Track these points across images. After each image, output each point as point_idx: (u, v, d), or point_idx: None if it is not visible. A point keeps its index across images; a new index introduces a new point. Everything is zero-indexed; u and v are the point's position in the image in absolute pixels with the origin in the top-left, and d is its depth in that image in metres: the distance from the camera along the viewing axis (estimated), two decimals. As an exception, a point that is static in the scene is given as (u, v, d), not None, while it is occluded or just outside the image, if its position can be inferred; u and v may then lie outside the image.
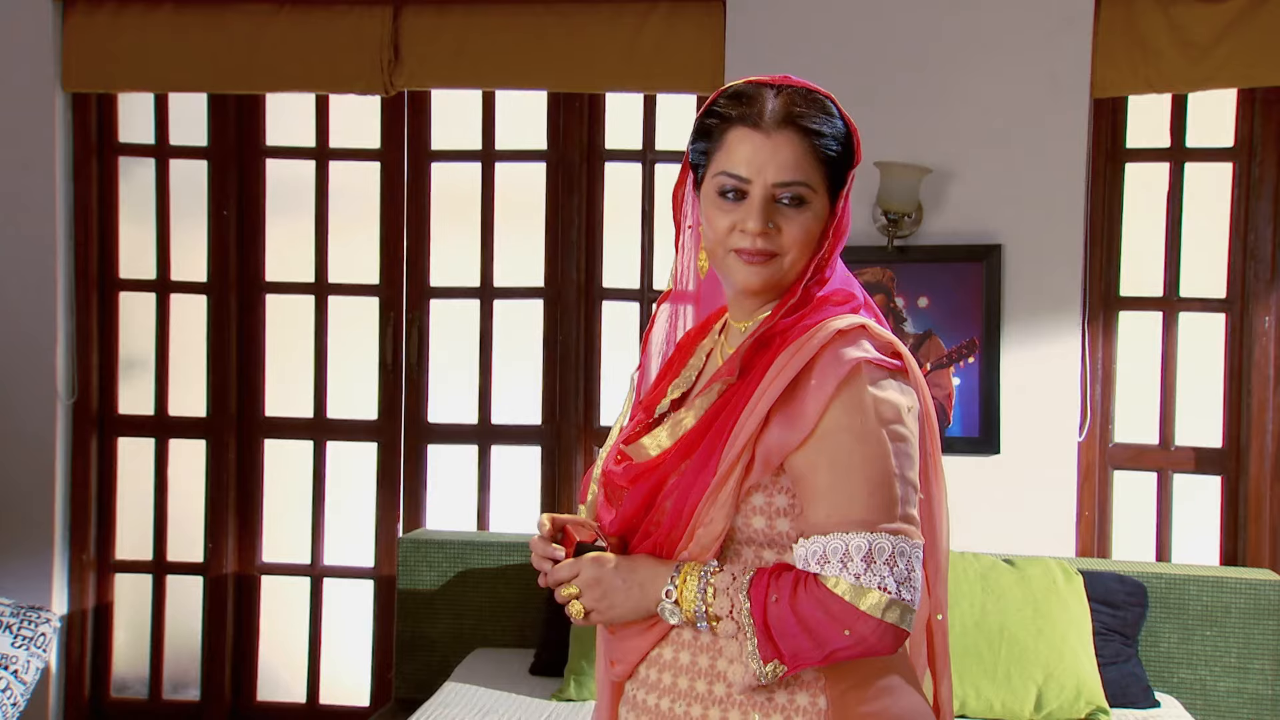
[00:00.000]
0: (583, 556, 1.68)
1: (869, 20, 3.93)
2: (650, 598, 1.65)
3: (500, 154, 4.31)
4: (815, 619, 1.55)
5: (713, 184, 1.67)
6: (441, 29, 4.12)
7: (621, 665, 1.75)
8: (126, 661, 4.51)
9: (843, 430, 1.57)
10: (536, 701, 3.50)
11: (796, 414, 1.59)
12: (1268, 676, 3.61)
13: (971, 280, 3.87)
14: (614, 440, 1.82)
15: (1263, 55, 3.73)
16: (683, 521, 1.64)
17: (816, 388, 1.58)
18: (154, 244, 4.42)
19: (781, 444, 1.59)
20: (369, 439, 4.38)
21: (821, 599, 1.56)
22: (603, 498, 1.77)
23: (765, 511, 1.63)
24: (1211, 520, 3.98)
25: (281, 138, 4.41)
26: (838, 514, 1.57)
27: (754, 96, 1.65)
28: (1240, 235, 3.93)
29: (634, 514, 1.69)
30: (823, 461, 1.58)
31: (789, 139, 1.63)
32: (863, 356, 1.59)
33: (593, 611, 1.67)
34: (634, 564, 1.67)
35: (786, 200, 1.64)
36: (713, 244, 1.69)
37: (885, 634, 1.56)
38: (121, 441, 4.45)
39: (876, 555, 1.56)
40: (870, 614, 1.54)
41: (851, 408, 1.58)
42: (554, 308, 4.28)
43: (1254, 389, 3.89)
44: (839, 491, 1.57)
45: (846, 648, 1.56)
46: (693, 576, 1.62)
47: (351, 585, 4.44)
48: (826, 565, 1.56)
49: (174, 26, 4.20)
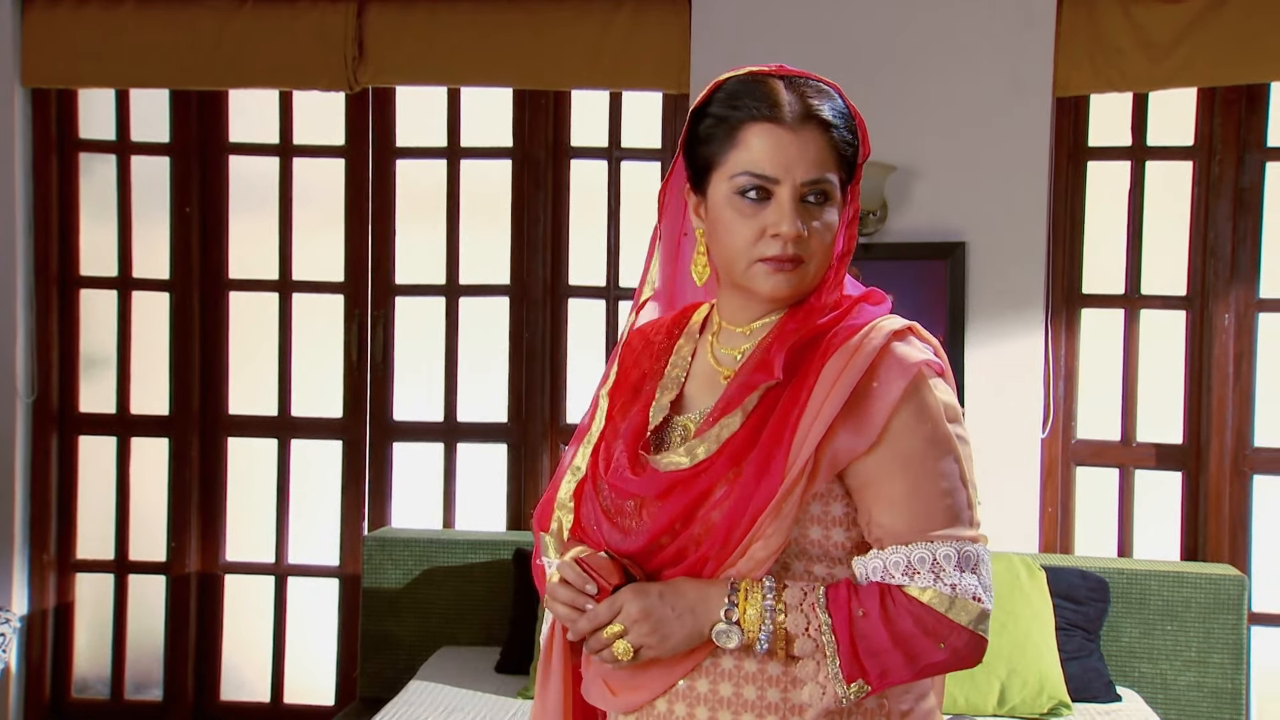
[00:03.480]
0: (620, 590, 1.52)
1: (833, 19, 3.94)
2: (704, 622, 1.51)
3: (466, 151, 4.29)
4: (908, 634, 1.47)
5: (729, 185, 1.55)
6: (406, 25, 4.10)
7: (633, 695, 1.59)
8: (88, 661, 4.47)
9: (914, 434, 1.50)
10: (502, 699, 3.50)
11: (862, 418, 1.50)
12: (1227, 670, 3.65)
13: (935, 278, 3.89)
14: (584, 458, 1.66)
15: (1222, 55, 3.77)
16: (736, 536, 1.50)
17: (881, 391, 1.50)
18: (115, 241, 4.38)
19: (849, 450, 1.50)
20: (334, 437, 4.36)
21: (914, 612, 1.48)
22: (598, 517, 1.61)
23: (822, 521, 1.54)
24: (1172, 516, 4.01)
25: (245, 134, 4.38)
26: (919, 521, 1.49)
27: (767, 90, 1.55)
28: (1200, 233, 3.96)
29: (664, 530, 1.54)
30: (896, 467, 1.50)
31: (813, 134, 1.53)
32: (924, 359, 1.53)
33: (643, 648, 1.51)
34: (678, 588, 1.52)
35: (812, 199, 1.54)
36: (732, 252, 1.56)
37: (977, 646, 1.50)
38: (82, 440, 4.41)
39: (964, 563, 1.50)
40: (966, 626, 1.48)
41: (921, 411, 1.51)
42: (520, 305, 4.27)
43: (1214, 385, 3.93)
44: (918, 498, 1.50)
45: (939, 663, 1.49)
46: (755, 594, 1.50)
47: (316, 584, 4.42)
48: (916, 576, 1.48)
49: (135, 22, 4.17)
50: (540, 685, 1.71)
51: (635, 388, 1.69)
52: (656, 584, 1.52)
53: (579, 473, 1.67)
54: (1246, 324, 3.92)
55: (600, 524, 1.60)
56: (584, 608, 1.52)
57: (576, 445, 1.70)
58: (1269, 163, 3.91)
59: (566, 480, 1.67)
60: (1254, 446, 3.93)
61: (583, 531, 1.64)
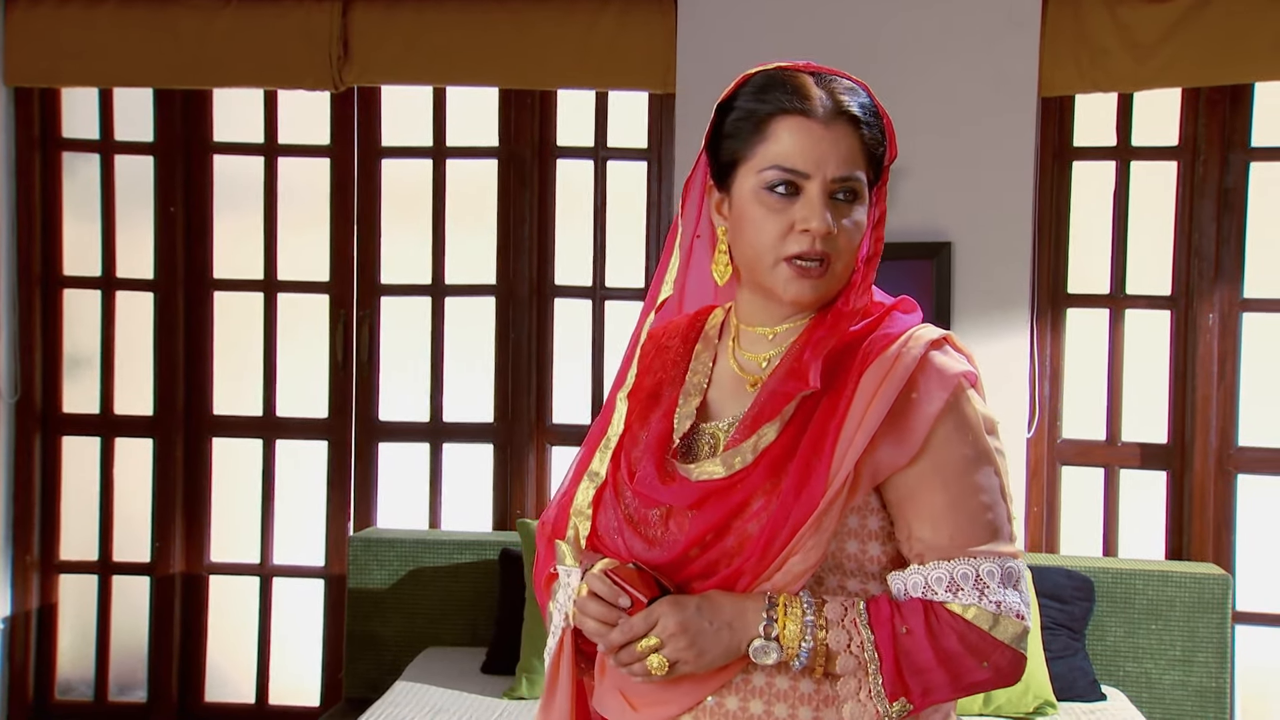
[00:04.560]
0: (657, 602, 1.47)
1: (819, 19, 3.94)
2: (741, 638, 1.46)
3: (451, 150, 4.28)
4: (953, 652, 1.45)
5: (756, 179, 1.51)
6: (392, 25, 4.09)
7: (658, 710, 1.53)
8: (71, 663, 4.45)
9: (955, 447, 1.48)
10: (488, 700, 3.49)
11: (903, 430, 1.47)
12: (1211, 669, 3.66)
13: (921, 277, 3.90)
14: (603, 463, 1.60)
15: (1207, 55, 3.78)
16: (774, 549, 1.45)
17: (922, 402, 1.48)
18: (99, 240, 4.36)
19: (890, 463, 1.47)
20: (319, 437, 4.34)
21: (959, 630, 1.45)
22: (620, 525, 1.55)
23: (859, 535, 1.51)
24: (1157, 515, 4.02)
25: (229, 133, 4.36)
26: (961, 536, 1.47)
27: (798, 84, 1.51)
28: (1185, 233, 3.97)
29: (695, 542, 1.49)
30: (937, 481, 1.47)
31: (845, 130, 1.50)
32: (963, 370, 1.52)
33: (678, 663, 1.46)
34: (714, 602, 1.47)
35: (842, 196, 1.51)
36: (757, 249, 1.52)
37: (1018, 664, 1.48)
38: (66, 440, 4.39)
39: (1007, 580, 1.47)
40: (1009, 644, 1.46)
41: (961, 424, 1.49)
42: (506, 305, 4.26)
43: (1198, 385, 3.94)
44: (960, 512, 1.47)
45: (982, 682, 1.47)
46: (794, 609, 1.45)
47: (301, 584, 4.40)
48: (960, 593, 1.46)
49: (118, 20, 4.14)
50: (545, 699, 1.65)
51: (652, 393, 1.64)
52: (693, 597, 1.47)
53: (597, 478, 1.60)
54: (1231, 324, 3.94)
55: (623, 532, 1.55)
56: (615, 621, 1.47)
57: (590, 449, 1.64)
58: (1253, 163, 3.92)
59: (584, 486, 1.61)
60: (1238, 446, 3.94)
61: (599, 540, 1.58)
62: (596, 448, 1.63)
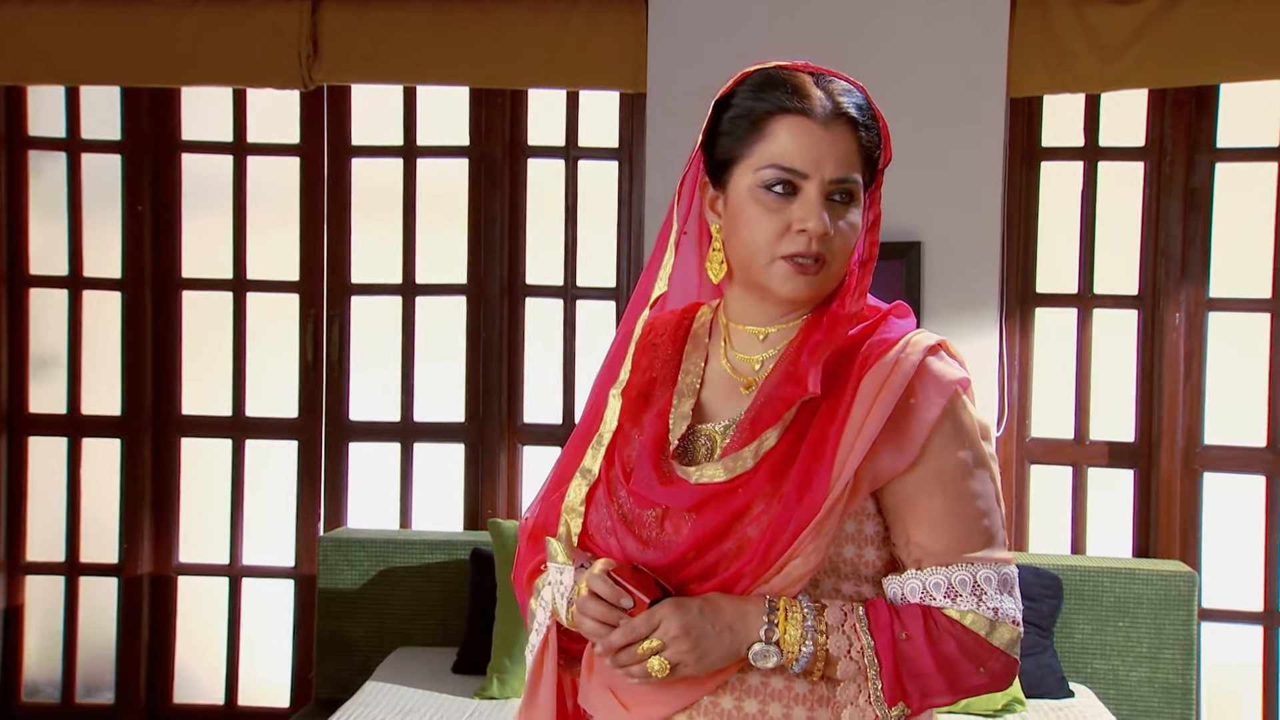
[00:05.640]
0: (659, 604, 1.46)
1: (790, 20, 3.95)
2: (741, 641, 1.46)
3: (422, 150, 4.27)
4: (951, 657, 1.46)
5: (753, 178, 1.51)
6: (361, 23, 4.07)
7: (651, 710, 1.52)
8: (38, 664, 4.41)
9: (952, 453, 1.49)
10: (459, 700, 3.49)
11: (902, 437, 1.48)
12: (1178, 666, 3.69)
13: (891, 277, 3.91)
14: (595, 460, 1.59)
15: (1173, 57, 3.81)
16: (775, 552, 1.46)
17: (920, 408, 1.48)
18: (66, 239, 4.33)
19: (889, 468, 1.48)
20: (289, 437, 4.33)
21: (957, 635, 1.47)
22: (614, 524, 1.54)
23: (856, 540, 1.51)
24: (1124, 513, 4.06)
25: (198, 132, 4.34)
26: (958, 542, 1.48)
27: (797, 83, 1.51)
28: (1151, 233, 4.01)
29: (697, 545, 1.48)
30: (935, 486, 1.48)
31: (843, 132, 1.51)
32: (959, 376, 1.53)
33: (679, 665, 1.46)
34: (715, 605, 1.47)
35: (838, 197, 1.51)
36: (753, 248, 1.52)
37: (1011, 669, 1.49)
38: (32, 441, 4.36)
39: (1003, 586, 1.49)
40: (1004, 650, 1.48)
41: (958, 430, 1.50)
42: (477, 304, 4.26)
43: (1165, 384, 3.98)
44: (957, 519, 1.49)
45: (977, 686, 1.48)
46: (794, 614, 1.46)
47: (271, 585, 4.38)
48: (958, 599, 1.47)
49: (85, 18, 4.11)
50: (528, 696, 1.64)
51: (643, 392, 1.63)
52: (695, 600, 1.47)
53: (590, 475, 1.59)
54: (1197, 323, 3.97)
55: (616, 532, 1.54)
56: (616, 622, 1.46)
57: (580, 446, 1.63)
58: (1219, 163, 3.96)
59: (576, 483, 1.59)
60: (1204, 444, 3.98)
61: (590, 539, 1.57)
62: (586, 444, 1.61)
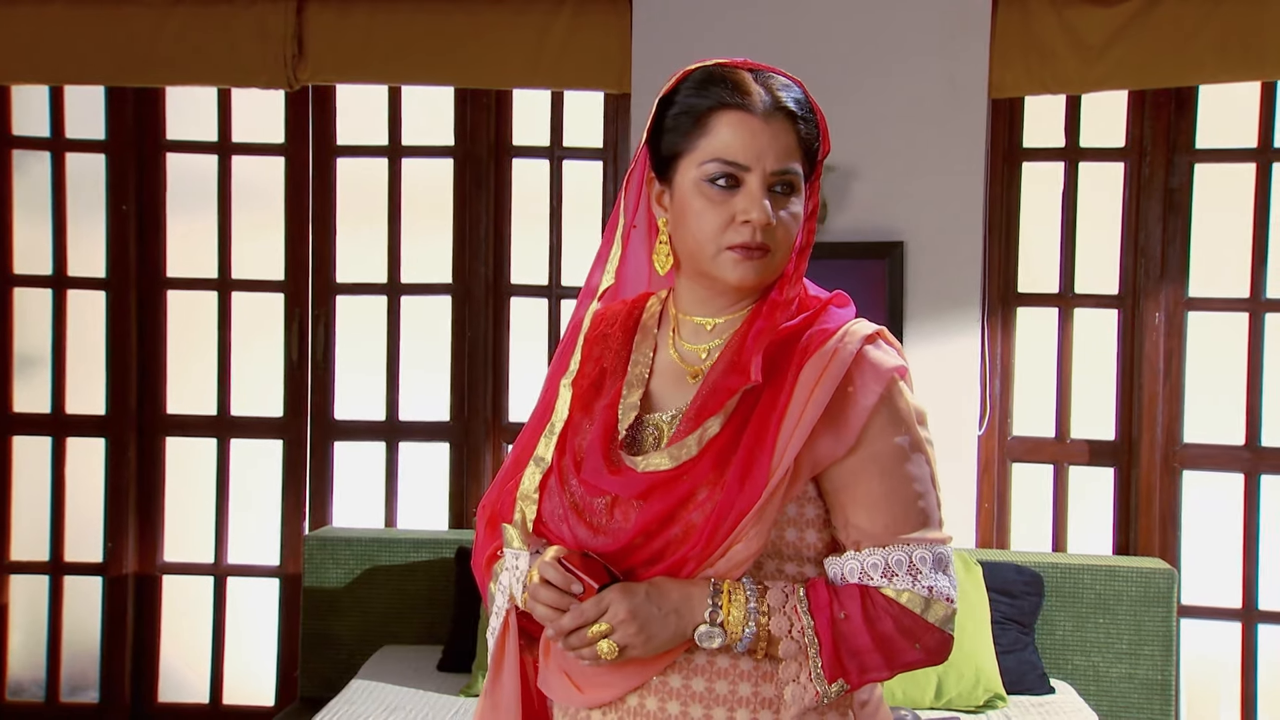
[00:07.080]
0: (607, 589, 1.51)
1: (772, 20, 3.97)
2: (687, 623, 1.51)
3: (407, 150, 4.28)
4: (888, 634, 1.52)
5: (698, 172, 1.56)
6: (346, 23, 4.08)
7: (603, 692, 1.57)
8: (22, 664, 4.41)
9: (889, 438, 1.55)
10: (444, 698, 3.50)
11: (840, 423, 1.53)
12: (1157, 662, 3.72)
13: (874, 277, 3.94)
14: (548, 449, 1.63)
15: (1153, 58, 3.84)
16: (718, 537, 1.50)
17: (858, 395, 1.53)
18: (50, 239, 4.33)
19: (828, 454, 1.53)
20: (274, 436, 4.33)
21: (893, 613, 1.52)
22: (565, 512, 1.58)
23: (797, 523, 1.56)
24: (1105, 511, 4.09)
25: (183, 131, 4.34)
26: (894, 524, 1.54)
27: (737, 80, 1.56)
28: (1131, 233, 4.04)
29: (642, 531, 1.53)
30: (873, 471, 1.54)
31: (782, 125, 1.56)
32: (896, 364, 1.57)
33: (627, 647, 1.51)
34: (661, 588, 1.52)
35: (780, 189, 1.56)
36: (699, 240, 1.57)
37: (946, 645, 1.55)
38: (17, 440, 4.36)
39: (937, 565, 1.55)
40: (939, 627, 1.54)
41: (895, 416, 1.55)
42: (462, 304, 4.27)
43: (1145, 383, 4.01)
44: (893, 501, 1.54)
45: (913, 661, 1.54)
46: (737, 596, 1.51)
47: (256, 584, 4.38)
48: (894, 578, 1.53)
49: (69, 17, 4.10)
50: (490, 682, 1.68)
51: (595, 382, 1.67)
52: (642, 584, 1.52)
53: (543, 464, 1.63)
54: (1176, 322, 4.01)
55: (568, 519, 1.58)
56: (567, 607, 1.50)
57: (534, 435, 1.66)
58: (1198, 164, 3.99)
59: (530, 471, 1.63)
60: (1184, 442, 4.01)
61: (543, 525, 1.61)
62: (540, 432, 1.66)
